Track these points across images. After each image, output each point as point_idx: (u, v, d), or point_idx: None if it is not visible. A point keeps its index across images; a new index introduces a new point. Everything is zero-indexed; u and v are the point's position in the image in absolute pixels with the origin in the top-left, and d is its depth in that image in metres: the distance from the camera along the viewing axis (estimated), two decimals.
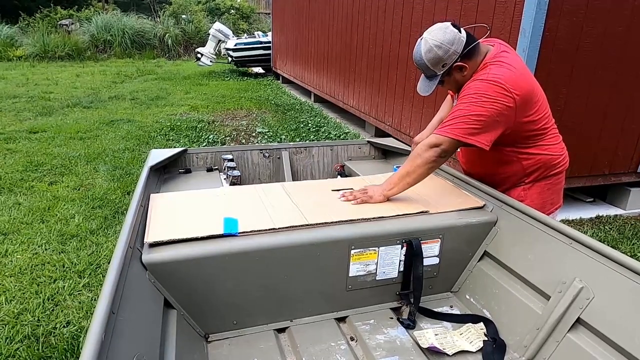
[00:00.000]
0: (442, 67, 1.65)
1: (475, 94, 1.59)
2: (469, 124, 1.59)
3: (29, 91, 7.88)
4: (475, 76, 1.65)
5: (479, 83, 1.61)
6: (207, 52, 9.90)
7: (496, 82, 1.58)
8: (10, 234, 2.96)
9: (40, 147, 4.81)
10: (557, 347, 1.33)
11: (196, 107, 6.97)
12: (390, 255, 1.59)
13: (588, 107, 3.13)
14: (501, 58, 1.64)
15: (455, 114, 1.63)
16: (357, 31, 5.51)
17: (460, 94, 1.67)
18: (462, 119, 1.60)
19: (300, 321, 1.56)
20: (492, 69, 1.62)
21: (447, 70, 1.66)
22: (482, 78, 1.61)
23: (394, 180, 1.73)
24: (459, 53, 1.62)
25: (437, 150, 1.64)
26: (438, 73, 1.67)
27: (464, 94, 1.65)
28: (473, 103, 1.59)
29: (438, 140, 1.64)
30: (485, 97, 1.57)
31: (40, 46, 12.21)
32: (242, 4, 16.99)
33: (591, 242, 1.34)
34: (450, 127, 1.62)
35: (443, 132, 1.63)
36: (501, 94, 1.57)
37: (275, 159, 2.48)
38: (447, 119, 1.66)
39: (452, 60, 1.63)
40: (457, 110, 1.63)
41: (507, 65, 1.62)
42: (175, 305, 1.37)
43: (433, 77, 1.70)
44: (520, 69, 1.64)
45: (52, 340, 2.01)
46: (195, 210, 1.60)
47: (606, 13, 2.89)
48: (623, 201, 3.55)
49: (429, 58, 1.64)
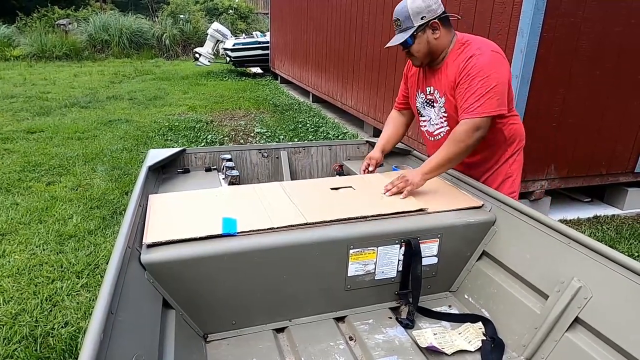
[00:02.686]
0: (421, 19, 1.74)
1: (485, 68, 1.68)
2: (494, 97, 1.67)
3: (26, 91, 7.86)
4: (463, 54, 1.75)
5: (479, 58, 1.70)
6: (206, 52, 9.89)
7: (493, 50, 1.72)
8: (7, 235, 2.95)
9: (37, 147, 4.80)
10: (556, 347, 1.34)
11: (194, 107, 6.96)
12: (389, 255, 1.59)
13: (586, 108, 3.14)
14: (471, 36, 1.81)
15: (476, 92, 1.68)
16: (356, 31, 5.51)
17: (464, 74, 1.72)
18: (487, 95, 1.66)
19: (299, 321, 1.56)
20: (476, 43, 1.76)
21: (424, 25, 1.75)
22: (478, 53, 1.71)
23: (433, 166, 1.77)
24: (438, 14, 1.75)
25: (478, 133, 1.70)
26: (415, 24, 1.75)
27: (469, 73, 1.70)
28: (487, 77, 1.67)
29: (476, 123, 1.68)
30: (494, 66, 1.68)
31: (38, 46, 12.17)
32: (240, 4, 16.97)
33: (589, 242, 1.34)
34: (482, 106, 1.67)
35: (477, 114, 1.68)
36: (503, 58, 1.73)
37: (273, 159, 2.48)
38: (468, 100, 1.70)
39: (430, 16, 1.74)
40: (476, 89, 1.68)
41: (482, 38, 1.79)
42: (174, 306, 1.37)
43: (408, 29, 1.77)
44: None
45: (50, 341, 2.01)
46: (193, 210, 1.60)
47: (603, 13, 2.90)
48: (620, 201, 3.56)
49: (413, 7, 1.73)
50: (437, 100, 1.90)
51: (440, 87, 1.86)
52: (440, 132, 1.95)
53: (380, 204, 1.71)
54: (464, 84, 1.72)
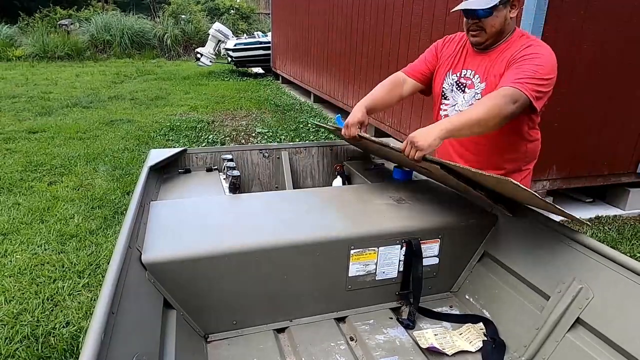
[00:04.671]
0: None
1: (542, 57, 1.55)
2: (540, 86, 1.52)
3: (28, 91, 7.88)
4: (520, 42, 1.63)
5: (540, 48, 1.58)
6: (207, 53, 9.90)
7: (550, 48, 1.60)
8: (9, 234, 2.96)
9: (39, 147, 4.81)
10: (557, 347, 1.33)
11: (196, 107, 6.97)
12: (390, 255, 1.59)
13: (588, 107, 3.14)
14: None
15: (531, 71, 1.51)
16: (357, 31, 5.51)
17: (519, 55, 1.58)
18: (539, 80, 1.51)
19: (299, 321, 1.56)
20: (538, 39, 1.64)
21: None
22: (539, 44, 1.59)
23: (459, 122, 1.48)
24: None
25: (514, 107, 1.48)
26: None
27: (525, 55, 1.56)
28: (543, 66, 1.53)
29: (518, 95, 1.48)
30: (551, 61, 1.56)
31: (40, 46, 12.19)
32: (242, 4, 16.98)
33: (591, 243, 1.34)
34: (530, 85, 1.49)
35: (523, 88, 1.48)
36: (555, 60, 1.59)
37: (274, 159, 2.48)
38: (520, 74, 1.52)
39: None
40: (532, 69, 1.52)
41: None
42: (174, 306, 1.37)
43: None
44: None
45: (52, 341, 2.01)
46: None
47: (605, 13, 2.89)
48: (622, 201, 3.56)
49: None
50: (474, 85, 1.74)
51: (484, 73, 1.71)
52: None
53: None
54: (518, 63, 1.57)
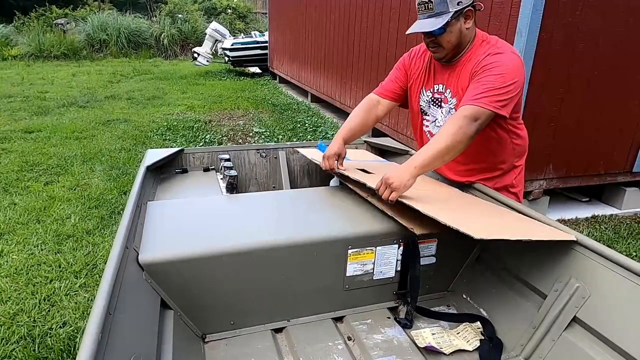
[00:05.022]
0: (457, 5, 1.57)
1: (502, 65, 1.56)
2: (503, 96, 1.53)
3: (24, 91, 7.84)
4: (482, 50, 1.64)
5: (499, 56, 1.58)
6: (204, 52, 9.88)
7: (514, 52, 1.61)
8: (5, 234, 2.94)
9: (35, 147, 4.78)
10: (554, 346, 1.34)
11: (193, 106, 6.96)
12: (387, 255, 1.59)
13: (584, 107, 3.15)
14: (488, 35, 1.70)
15: (486, 85, 1.54)
16: (354, 31, 5.51)
17: (480, 67, 1.60)
18: (497, 90, 1.53)
19: (297, 321, 1.56)
20: (500, 42, 1.65)
21: (459, 12, 1.58)
22: (499, 51, 1.60)
23: (427, 158, 1.50)
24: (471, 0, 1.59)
25: (477, 124, 1.51)
26: (450, 10, 1.56)
27: (485, 66, 1.58)
28: (504, 74, 1.54)
29: (478, 113, 1.51)
30: (511, 67, 1.56)
31: (36, 45, 12.14)
32: (239, 4, 16.95)
33: (587, 242, 1.34)
34: (489, 99, 1.52)
35: (483, 104, 1.51)
36: (522, 66, 1.60)
37: (272, 159, 2.48)
38: (476, 90, 1.55)
39: (466, 2, 1.58)
40: (488, 81, 1.55)
41: (502, 40, 1.67)
42: (172, 306, 1.37)
43: (442, 14, 1.57)
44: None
45: (48, 341, 2.00)
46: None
47: (602, 13, 2.90)
48: (618, 201, 3.57)
49: None
50: (447, 100, 1.76)
51: (454, 87, 1.72)
52: None
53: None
54: (477, 77, 1.59)
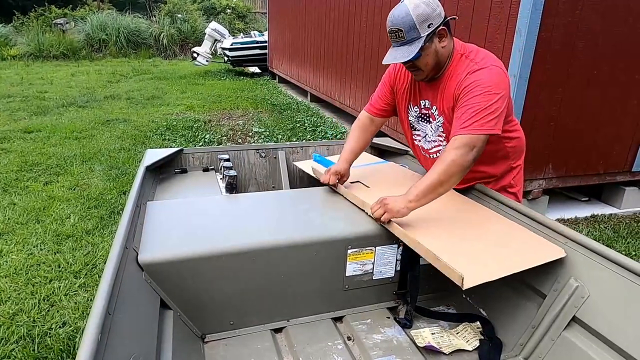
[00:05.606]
0: (428, 28, 1.53)
1: (484, 82, 1.53)
2: (492, 114, 1.51)
3: (23, 90, 7.84)
4: (462, 67, 1.60)
5: (480, 73, 1.55)
6: (203, 52, 9.88)
7: (496, 65, 1.57)
8: (5, 234, 2.94)
9: (35, 147, 4.78)
10: (553, 346, 1.34)
11: (192, 106, 6.95)
12: (387, 255, 1.59)
13: (583, 107, 3.15)
14: (471, 46, 1.67)
15: (474, 108, 1.52)
16: (354, 30, 5.51)
17: (463, 88, 1.57)
18: (485, 111, 1.51)
19: (297, 321, 1.56)
20: (479, 54, 1.61)
21: (431, 34, 1.54)
22: (481, 67, 1.56)
23: (421, 192, 1.50)
24: (442, 17, 1.55)
25: (473, 152, 1.51)
26: (422, 35, 1.53)
27: (467, 87, 1.55)
28: (487, 92, 1.52)
29: (472, 140, 1.50)
30: (495, 83, 1.53)
31: (35, 45, 12.14)
32: (238, 4, 16.95)
33: (586, 241, 1.34)
34: (479, 123, 1.50)
35: (474, 130, 1.50)
36: (504, 75, 1.58)
37: (271, 159, 2.48)
38: (465, 116, 1.53)
39: (437, 22, 1.54)
40: (474, 104, 1.52)
41: (482, 49, 1.64)
42: (171, 306, 1.37)
43: (415, 40, 1.54)
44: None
45: (48, 341, 2.00)
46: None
47: (602, 13, 2.90)
48: (618, 200, 3.57)
49: (418, 14, 1.50)
50: (435, 117, 1.75)
51: (439, 104, 1.70)
52: (439, 150, 1.79)
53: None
54: (462, 100, 1.56)
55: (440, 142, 1.78)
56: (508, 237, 1.50)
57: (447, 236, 1.49)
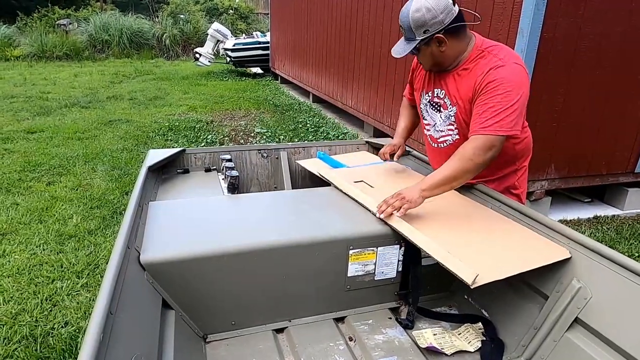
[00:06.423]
0: (424, 33, 1.57)
1: (506, 81, 1.53)
2: (512, 115, 1.52)
3: (26, 91, 7.86)
4: (483, 63, 1.59)
5: (501, 70, 1.55)
6: (206, 52, 9.90)
7: (516, 62, 1.57)
8: (8, 234, 2.95)
9: (38, 147, 4.80)
10: (556, 347, 1.33)
11: (194, 107, 6.96)
12: (389, 255, 1.59)
13: (586, 107, 3.14)
14: (493, 42, 1.66)
15: (494, 107, 1.53)
16: (356, 31, 5.51)
17: (483, 86, 1.57)
18: (506, 111, 1.51)
19: (298, 321, 1.56)
20: (497, 51, 1.60)
21: (427, 39, 1.58)
22: (500, 64, 1.56)
23: (434, 183, 1.56)
24: (444, 24, 1.55)
25: (492, 152, 1.54)
26: (417, 38, 1.59)
27: (489, 86, 1.55)
28: (509, 91, 1.52)
29: (491, 141, 1.53)
30: (517, 82, 1.53)
31: (38, 46, 12.18)
32: (241, 4, 16.97)
33: (589, 242, 1.34)
34: (499, 124, 1.52)
35: (494, 131, 1.52)
36: (525, 74, 1.58)
37: (273, 159, 2.48)
38: (485, 114, 1.54)
39: (435, 29, 1.56)
40: (495, 103, 1.53)
41: (504, 46, 1.64)
42: (173, 306, 1.37)
43: (411, 41, 1.61)
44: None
45: (50, 341, 2.01)
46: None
47: (604, 14, 2.90)
48: (621, 201, 3.56)
49: (415, 18, 1.55)
50: (447, 106, 1.75)
51: (452, 94, 1.70)
52: (447, 140, 1.80)
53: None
54: (482, 96, 1.56)
55: (449, 132, 1.78)
56: (512, 237, 1.50)
57: (453, 236, 1.49)
